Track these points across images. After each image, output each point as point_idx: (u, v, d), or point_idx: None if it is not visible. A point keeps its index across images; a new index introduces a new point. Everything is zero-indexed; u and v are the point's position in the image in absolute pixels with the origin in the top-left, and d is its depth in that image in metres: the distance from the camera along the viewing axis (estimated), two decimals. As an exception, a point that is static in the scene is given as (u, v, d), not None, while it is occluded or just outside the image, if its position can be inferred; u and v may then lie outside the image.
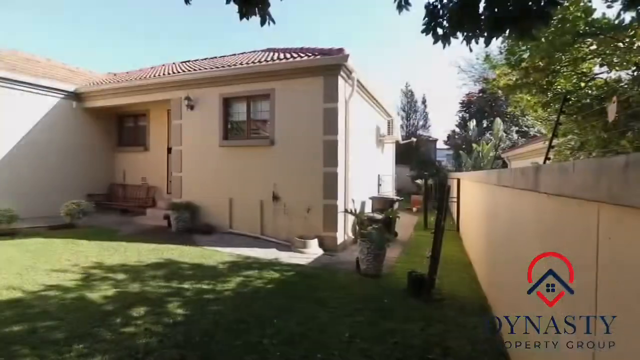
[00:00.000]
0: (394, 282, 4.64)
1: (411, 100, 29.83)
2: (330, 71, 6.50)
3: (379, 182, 10.13)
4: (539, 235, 2.12)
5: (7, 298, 3.60)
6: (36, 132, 8.78)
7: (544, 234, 2.03)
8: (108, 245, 6.02)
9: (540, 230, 2.10)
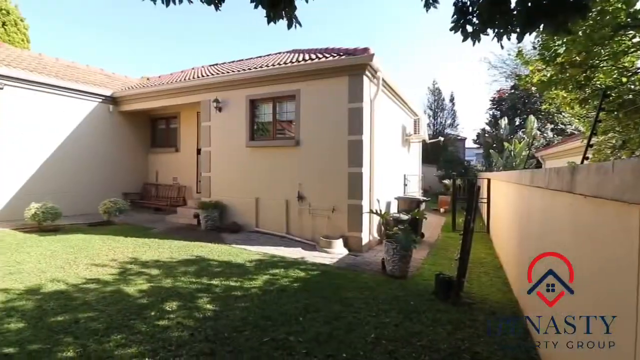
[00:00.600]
0: (420, 284, 4.57)
1: (438, 98, 29.11)
2: (355, 71, 6.48)
3: (405, 182, 9.98)
4: (574, 238, 2.03)
5: (52, 290, 3.87)
6: (77, 134, 9.35)
7: (579, 236, 1.94)
8: (142, 242, 6.32)
9: (576, 232, 2.01)
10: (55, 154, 8.89)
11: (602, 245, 1.61)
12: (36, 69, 8.83)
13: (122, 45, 56.52)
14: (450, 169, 19.01)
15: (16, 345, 2.64)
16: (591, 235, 1.75)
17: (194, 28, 63.02)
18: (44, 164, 8.65)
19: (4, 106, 7.92)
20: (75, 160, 9.31)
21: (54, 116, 8.88)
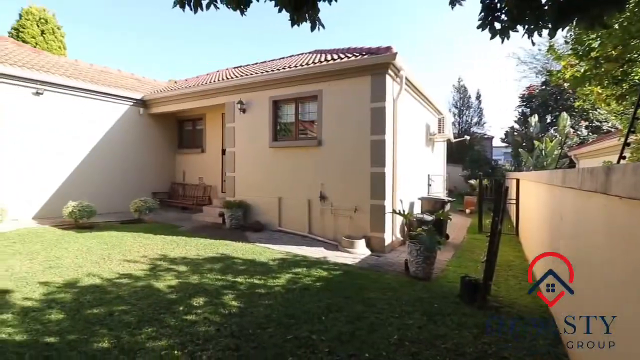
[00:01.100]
0: (445, 286, 4.49)
1: (464, 96, 28.32)
2: (378, 70, 6.44)
3: (429, 182, 9.80)
4: (608, 240, 1.95)
5: (88, 284, 4.09)
6: (109, 136, 9.83)
7: (614, 238, 1.86)
8: (171, 240, 6.56)
9: (610, 234, 1.93)
10: (90, 155, 9.38)
11: (638, 247, 1.54)
12: (72, 75, 9.34)
13: (151, 48, 58.70)
14: (476, 168, 18.48)
15: (57, 335, 2.82)
16: (626, 237, 1.68)
17: (218, 31, 64.56)
18: (80, 164, 9.15)
19: (44, 111, 8.45)
20: (108, 161, 9.78)
21: (89, 119, 9.37)
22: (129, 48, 53.76)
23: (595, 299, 2.14)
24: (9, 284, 3.93)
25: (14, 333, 2.82)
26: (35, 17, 16.51)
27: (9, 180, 7.80)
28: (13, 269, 4.52)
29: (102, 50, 46.01)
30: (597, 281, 2.16)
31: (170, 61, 59.67)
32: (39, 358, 2.48)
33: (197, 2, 2.76)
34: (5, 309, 3.29)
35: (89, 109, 9.37)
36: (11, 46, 9.67)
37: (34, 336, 2.79)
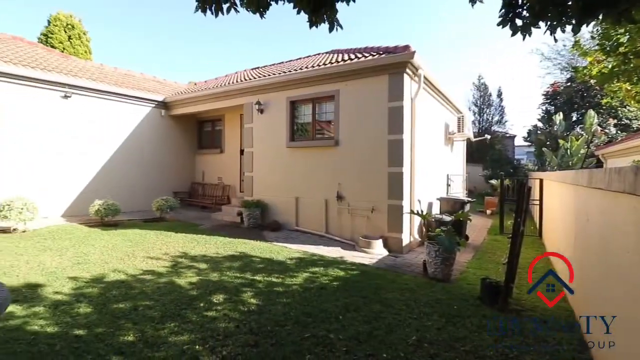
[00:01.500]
0: (464, 288, 4.41)
1: (484, 94, 27.64)
2: (396, 69, 6.39)
3: (448, 182, 9.64)
4: (638, 242, 1.87)
5: (114, 279, 4.25)
6: (133, 137, 10.15)
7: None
8: (191, 238, 6.72)
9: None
10: (114, 155, 9.72)
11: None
12: (98, 78, 9.70)
13: (171, 51, 60.20)
14: (497, 168, 18.02)
15: (85, 328, 2.95)
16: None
17: (238, 33, 65.60)
18: (105, 164, 9.50)
19: (71, 113, 8.81)
20: (131, 161, 10.11)
21: (114, 121, 9.71)
22: (150, 50, 55.33)
23: (625, 301, 2.07)
24: (40, 279, 4.14)
25: (45, 325, 2.97)
26: (62, 23, 17.25)
27: (40, 179, 8.18)
28: (44, 264, 4.75)
29: (123, 52, 47.55)
30: (626, 283, 2.09)
31: (189, 63, 61.05)
32: (69, 349, 2.60)
33: (218, 7, 2.83)
34: (37, 301, 3.46)
35: (114, 111, 9.72)
36: (41, 52, 10.13)
37: (64, 328, 2.93)
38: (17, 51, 8.92)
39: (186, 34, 61.62)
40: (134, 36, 51.81)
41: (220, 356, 2.57)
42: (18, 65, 7.88)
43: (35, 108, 8.15)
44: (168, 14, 52.94)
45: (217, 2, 2.83)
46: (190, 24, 62.01)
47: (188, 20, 66.17)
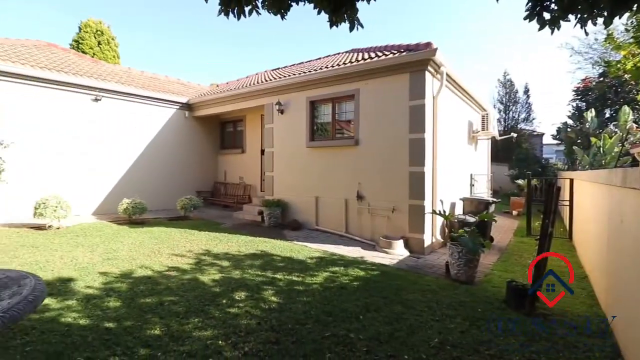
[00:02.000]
0: (489, 290, 4.29)
1: (510, 90, 26.70)
2: (417, 67, 6.29)
3: (472, 182, 9.39)
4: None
5: (141, 275, 4.40)
6: (158, 138, 10.49)
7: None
8: (214, 236, 6.87)
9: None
10: (141, 156, 10.08)
11: None
12: (126, 82, 10.08)
13: (196, 53, 61.81)
14: (524, 167, 17.38)
15: (114, 321, 3.07)
16: None
17: (259, 34, 66.54)
18: (133, 164, 9.87)
19: (102, 115, 9.21)
20: (157, 161, 10.45)
21: (141, 122, 10.07)
22: (173, 52, 57.02)
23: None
24: (73, 273, 4.35)
25: (78, 317, 3.12)
26: (92, 29, 18.06)
27: (72, 179, 8.60)
28: (77, 259, 4.99)
29: (149, 55, 49.21)
30: None
31: (213, 64, 62.45)
32: (100, 341, 2.72)
33: (240, 10, 2.88)
34: (70, 295, 3.64)
35: (140, 113, 10.08)
36: (74, 57, 10.63)
37: (95, 321, 3.06)
38: (52, 57, 9.40)
39: (207, 36, 63.06)
40: (158, 39, 53.52)
41: (242, 352, 2.61)
42: (52, 71, 8.30)
43: (68, 111, 8.57)
44: (189, 17, 54.36)
45: (239, 5, 2.88)
46: (212, 26, 63.39)
47: (209, 23, 67.70)
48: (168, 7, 46.08)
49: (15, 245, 5.65)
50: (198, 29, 61.29)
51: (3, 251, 5.26)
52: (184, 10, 50.52)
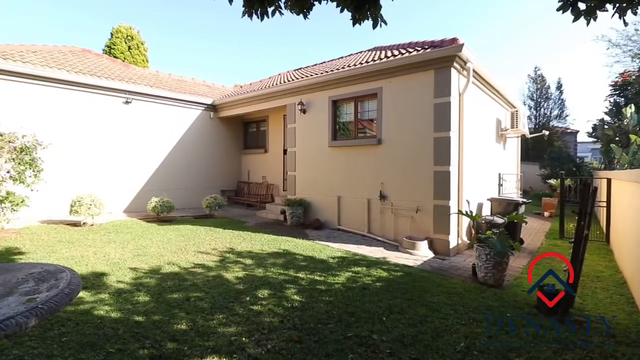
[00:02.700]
0: (519, 295, 4.12)
1: (542, 86, 25.56)
2: (442, 64, 6.13)
3: (500, 181, 9.06)
4: None
5: (168, 271, 4.54)
6: (185, 138, 10.80)
7: None
8: (237, 234, 6.99)
9: None
10: (169, 156, 10.42)
11: None
12: (155, 85, 10.44)
13: (218, 54, 63.22)
14: (557, 167, 16.57)
15: (143, 315, 3.19)
16: None
17: (282, 34, 67.20)
18: (161, 164, 10.22)
19: (131, 117, 9.59)
20: (183, 161, 10.77)
21: (168, 123, 10.41)
22: (199, 55, 58.57)
23: None
24: (105, 268, 4.55)
25: (110, 310, 3.26)
26: (123, 34, 18.86)
27: (105, 178, 9.00)
28: (109, 255, 5.21)
29: (176, 58, 50.81)
30: None
31: (238, 65, 63.67)
32: (130, 334, 2.82)
33: (263, 11, 2.91)
34: (102, 289, 3.81)
35: (168, 115, 10.42)
36: (106, 62, 11.13)
37: (126, 314, 3.19)
38: (86, 62, 9.88)
39: (232, 38, 64.33)
40: (184, 41, 55.13)
41: (265, 349, 2.64)
42: (86, 75, 8.72)
43: (101, 113, 8.98)
44: (216, 21, 55.63)
45: (262, 6, 2.91)
46: (235, 28, 64.60)
47: (233, 25, 69.01)
48: (193, 8, 47.38)
49: (53, 240, 5.98)
50: (222, 31, 62.65)
51: (42, 246, 5.58)
52: (209, 11, 51.77)
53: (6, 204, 5.96)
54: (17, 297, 1.60)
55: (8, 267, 2.04)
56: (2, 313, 1.41)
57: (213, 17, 55.59)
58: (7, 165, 6.03)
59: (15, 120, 6.89)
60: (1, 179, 5.90)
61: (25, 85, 7.76)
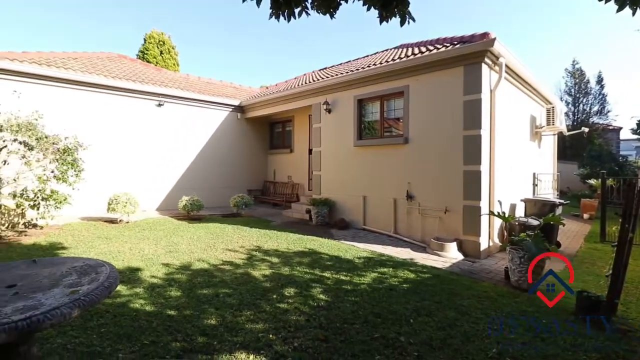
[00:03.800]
0: (555, 300, 3.91)
1: (580, 80, 24.14)
2: (472, 59, 5.93)
3: (535, 181, 8.65)
4: None
5: (198, 268, 4.69)
6: (213, 139, 11.11)
7: None
8: (264, 233, 7.11)
9: None
10: (198, 156, 10.76)
11: None
12: (185, 87, 10.82)
13: (245, 55, 64.56)
14: (597, 166, 15.61)
15: (175, 309, 3.31)
16: None
17: (306, 34, 67.62)
18: (191, 164, 10.58)
19: (164, 119, 9.98)
20: (212, 161, 11.09)
21: (198, 125, 10.76)
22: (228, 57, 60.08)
23: None
24: (140, 263, 4.76)
25: (144, 304, 3.41)
26: (155, 40, 19.67)
27: (139, 177, 9.43)
28: (143, 251, 5.45)
29: (204, 61, 52.35)
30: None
31: (264, 67, 64.78)
32: (163, 327, 2.94)
33: (290, 12, 2.94)
34: (137, 283, 3.99)
35: (197, 116, 10.76)
36: (140, 67, 11.65)
37: (159, 308, 3.32)
38: (122, 67, 10.39)
39: (259, 39, 65.47)
40: (212, 44, 56.68)
41: (292, 347, 2.66)
42: (122, 80, 9.17)
43: (135, 115, 9.42)
44: (242, 24, 56.78)
45: (289, 7, 2.93)
46: (265, 30, 65.66)
47: (262, 27, 70.14)
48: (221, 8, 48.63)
49: (92, 236, 6.33)
50: (250, 33, 63.90)
51: (83, 242, 5.92)
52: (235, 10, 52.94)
53: (50, 202, 6.36)
54: (62, 289, 1.71)
55: (53, 260, 2.18)
56: (48, 304, 1.51)
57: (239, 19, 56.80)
58: (52, 166, 6.44)
59: (58, 123, 7.35)
60: (46, 178, 6.31)
61: (67, 90, 8.27)
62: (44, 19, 39.45)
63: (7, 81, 7.41)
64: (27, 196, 6.18)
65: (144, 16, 38.68)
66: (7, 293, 1.66)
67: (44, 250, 5.34)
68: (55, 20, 40.33)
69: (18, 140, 6.04)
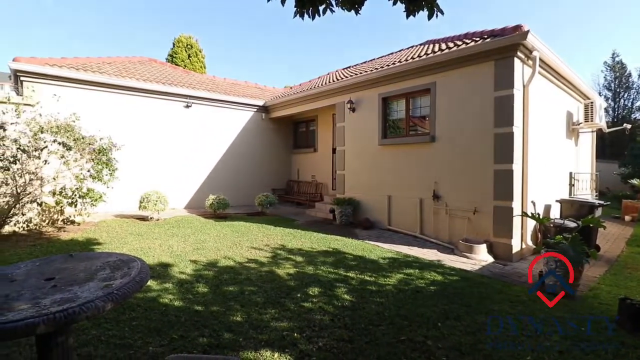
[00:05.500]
0: (595, 307, 3.68)
1: (621, 74, 22.73)
2: (503, 54, 5.68)
3: (571, 181, 8.19)
4: None
5: (224, 265, 4.77)
6: (238, 139, 11.32)
7: None
8: (288, 232, 7.15)
9: None
10: (224, 155, 11.00)
11: None
12: (211, 89, 11.07)
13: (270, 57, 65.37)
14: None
15: (202, 305, 3.38)
16: None
17: (332, 33, 67.65)
18: (217, 163, 10.83)
19: (192, 120, 10.26)
20: (237, 160, 11.30)
21: (224, 125, 10.99)
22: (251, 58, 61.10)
23: None
24: (169, 260, 4.91)
25: (173, 299, 3.50)
26: (183, 43, 20.30)
27: (168, 176, 9.75)
28: (172, 247, 5.62)
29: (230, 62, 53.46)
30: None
31: (288, 66, 65.39)
32: (191, 322, 3.01)
33: (314, 10, 2.92)
34: (167, 279, 4.11)
35: (223, 117, 10.99)
36: (169, 69, 12.04)
37: (187, 304, 3.40)
38: (152, 70, 10.78)
39: (283, 38, 66.11)
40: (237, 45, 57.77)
41: (316, 346, 2.65)
42: (152, 83, 9.51)
43: (164, 116, 9.75)
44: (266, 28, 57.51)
45: (313, 5, 2.91)
46: (285, 29, 66.24)
47: (284, 26, 70.82)
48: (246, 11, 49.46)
49: (125, 233, 6.60)
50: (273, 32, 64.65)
51: (116, 238, 6.18)
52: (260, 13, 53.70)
53: (87, 200, 6.70)
54: (96, 282, 1.77)
55: (89, 255, 2.27)
56: (84, 296, 1.56)
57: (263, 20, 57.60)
58: (88, 165, 6.78)
59: (93, 125, 7.71)
60: (83, 177, 6.64)
61: (102, 93, 8.69)
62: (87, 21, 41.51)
63: (47, 85, 7.87)
64: (65, 194, 6.52)
65: (172, 19, 39.95)
66: (46, 285, 1.75)
67: (80, 246, 5.63)
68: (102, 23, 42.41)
69: (57, 141, 6.39)
